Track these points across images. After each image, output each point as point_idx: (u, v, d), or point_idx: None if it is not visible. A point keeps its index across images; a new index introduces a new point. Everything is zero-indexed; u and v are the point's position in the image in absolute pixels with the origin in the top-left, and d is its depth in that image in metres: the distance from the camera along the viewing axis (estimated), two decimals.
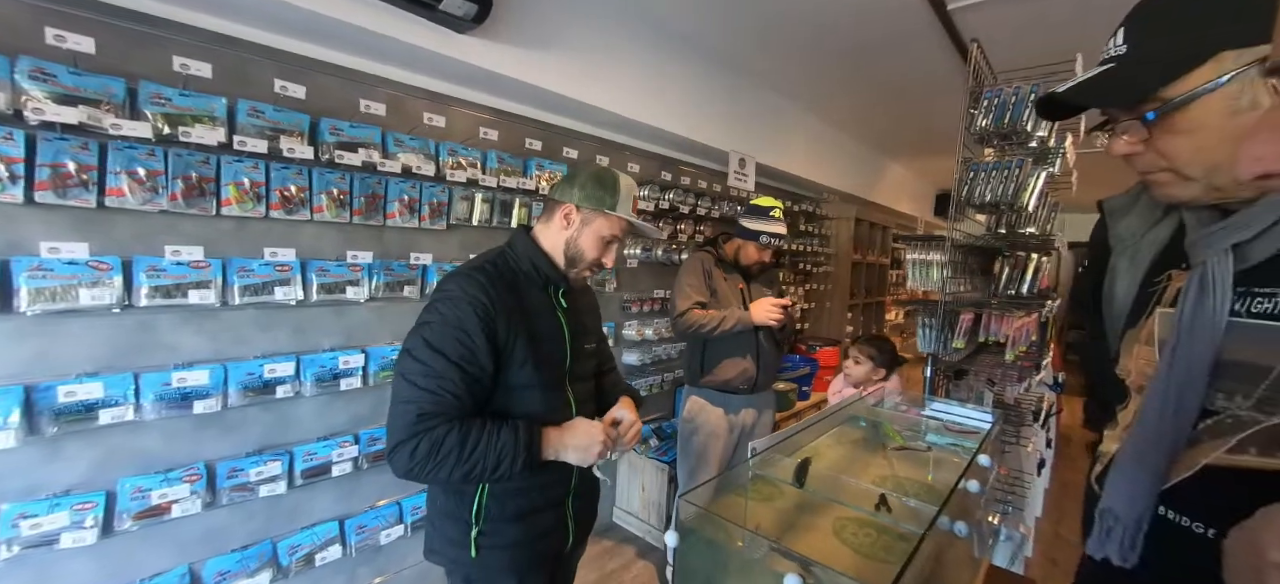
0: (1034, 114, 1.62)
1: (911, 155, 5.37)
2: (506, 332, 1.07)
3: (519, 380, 1.10)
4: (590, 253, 1.18)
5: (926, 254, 1.81)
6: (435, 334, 1.01)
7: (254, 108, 1.58)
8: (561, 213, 1.18)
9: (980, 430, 1.37)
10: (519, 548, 1.15)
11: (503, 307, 1.07)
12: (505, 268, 1.15)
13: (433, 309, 1.05)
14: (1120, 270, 0.79)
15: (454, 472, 0.98)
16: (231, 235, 1.60)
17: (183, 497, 1.47)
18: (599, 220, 1.17)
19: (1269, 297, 0.59)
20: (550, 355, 1.16)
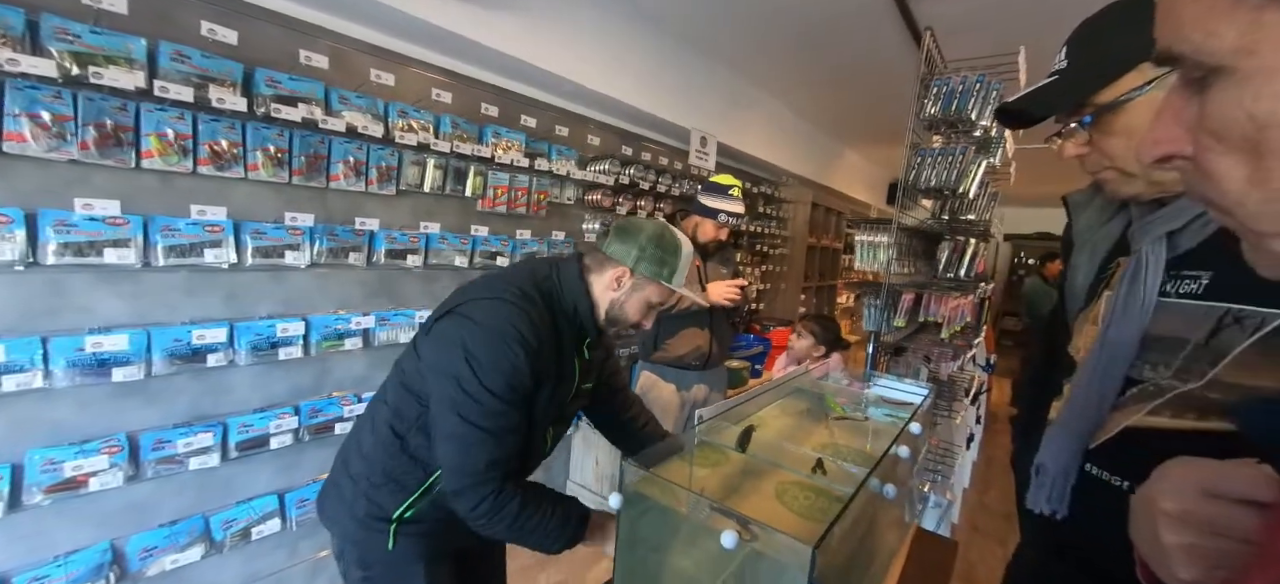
0: (978, 105, 1.69)
1: (867, 143, 5.52)
2: (542, 372, 1.04)
3: (530, 421, 1.07)
4: (635, 315, 1.13)
5: (874, 236, 1.88)
6: (498, 380, 0.96)
7: (178, 52, 1.46)
8: (614, 274, 1.10)
9: (915, 403, 1.45)
10: (440, 537, 1.12)
11: (544, 350, 1.02)
12: (551, 306, 1.08)
13: (484, 346, 0.96)
14: (1080, 264, 0.87)
15: (499, 528, 0.99)
16: (154, 191, 1.48)
17: (101, 469, 1.38)
18: (651, 288, 1.12)
19: (1194, 279, 0.65)
20: (559, 400, 1.12)
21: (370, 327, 1.92)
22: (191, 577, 1.62)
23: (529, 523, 0.99)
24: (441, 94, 2.07)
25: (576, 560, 2.49)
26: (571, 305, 1.09)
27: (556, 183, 2.64)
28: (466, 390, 0.95)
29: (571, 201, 2.75)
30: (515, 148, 2.37)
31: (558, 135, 2.64)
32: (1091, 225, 0.86)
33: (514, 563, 2.39)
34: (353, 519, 1.09)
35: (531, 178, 2.48)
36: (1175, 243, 0.69)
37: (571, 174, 2.63)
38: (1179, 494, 0.38)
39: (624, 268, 1.10)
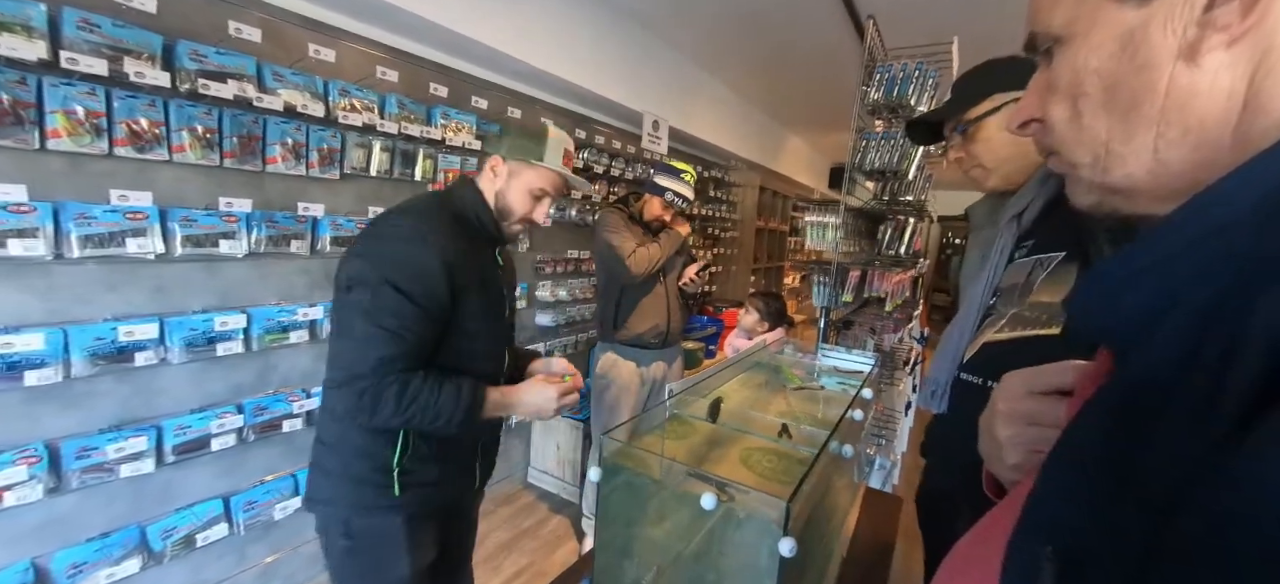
0: (917, 91, 1.81)
1: (810, 129, 5.73)
2: (462, 280, 1.06)
3: (468, 332, 1.09)
4: (519, 207, 1.15)
5: (823, 217, 1.98)
6: (403, 275, 0.99)
7: (85, 20, 1.32)
8: (489, 165, 1.16)
9: (863, 371, 1.55)
10: (432, 489, 1.14)
11: (458, 253, 1.06)
12: (458, 213, 1.13)
13: (390, 242, 1.02)
14: (973, 247, 1.20)
15: (394, 418, 0.99)
16: (64, 175, 1.34)
17: (18, 481, 1.26)
18: (527, 173, 1.14)
19: (1027, 245, 0.95)
20: (494, 310, 1.17)
21: (317, 319, 1.83)
22: None
23: (418, 401, 1.00)
24: (386, 72, 1.98)
25: (543, 544, 2.50)
26: (472, 213, 1.14)
27: None
28: (376, 290, 0.98)
29: None
30: (466, 130, 2.30)
31: (510, 118, 2.59)
32: (979, 227, 1.21)
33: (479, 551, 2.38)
34: (348, 479, 1.09)
35: (483, 161, 2.42)
36: (1022, 220, 0.98)
37: None
38: (1008, 396, 0.48)
39: (495, 157, 1.16)
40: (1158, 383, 0.26)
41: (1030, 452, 0.44)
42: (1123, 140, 0.32)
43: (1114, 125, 0.32)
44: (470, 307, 1.09)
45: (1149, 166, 0.32)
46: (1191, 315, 0.26)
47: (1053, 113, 0.36)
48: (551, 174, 1.16)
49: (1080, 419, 0.31)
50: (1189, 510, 0.22)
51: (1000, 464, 0.47)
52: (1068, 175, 0.38)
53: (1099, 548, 0.25)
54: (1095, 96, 0.33)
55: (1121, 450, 0.26)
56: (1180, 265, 0.27)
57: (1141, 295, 0.29)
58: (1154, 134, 0.31)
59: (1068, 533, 0.27)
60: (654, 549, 0.95)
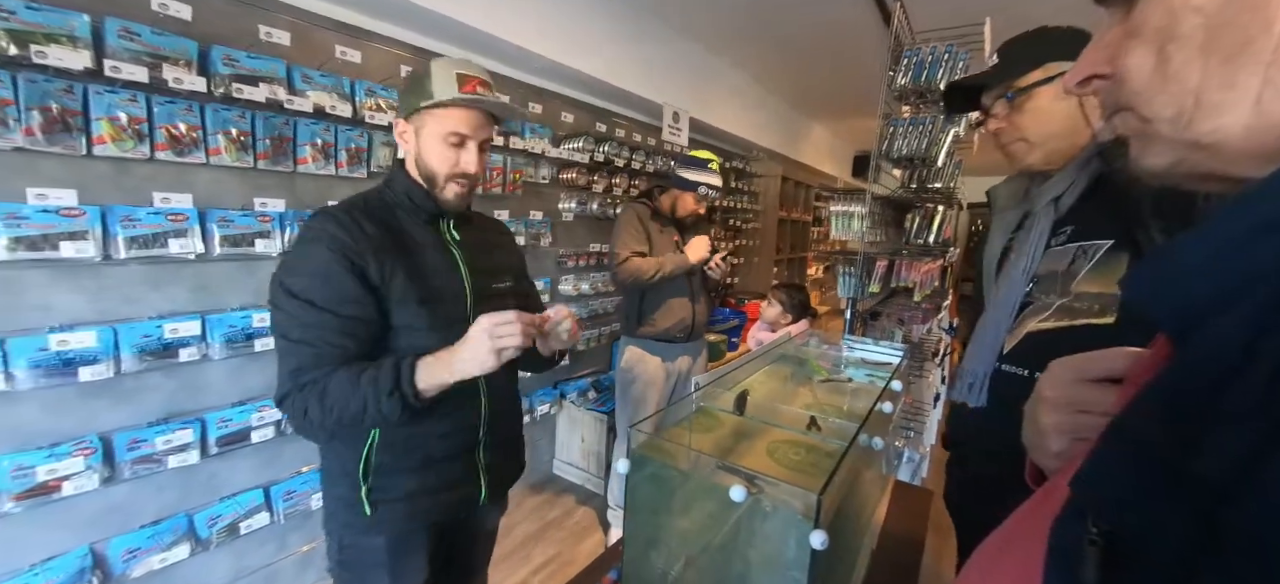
0: (947, 74, 1.76)
1: (833, 117, 5.62)
2: (379, 268, 0.95)
3: (403, 321, 0.97)
4: (439, 164, 1.00)
5: (848, 207, 1.94)
6: (298, 280, 0.91)
7: (126, 29, 1.37)
8: (397, 134, 1.04)
9: (892, 363, 1.52)
10: (413, 501, 1.03)
11: (369, 241, 0.94)
12: (377, 202, 1.03)
13: (289, 252, 0.95)
14: (995, 232, 1.14)
15: (325, 421, 0.89)
16: (110, 179, 1.40)
17: (76, 472, 1.33)
18: (427, 121, 0.99)
19: (1064, 232, 0.93)
20: (441, 292, 1.02)
21: None
22: (180, 576, 1.58)
23: (340, 393, 0.88)
24: (410, 71, 2.01)
25: (570, 534, 2.53)
26: (401, 192, 1.03)
27: (531, 162, 2.61)
28: (277, 304, 0.92)
29: (546, 180, 2.72)
30: None
31: (531, 113, 2.60)
32: (1004, 207, 1.14)
33: (507, 542, 2.43)
34: (332, 499, 1.05)
35: (506, 157, 2.44)
36: (1059, 205, 0.95)
37: (546, 153, 2.60)
38: (1055, 382, 0.47)
39: (397, 123, 1.04)
40: (1220, 368, 0.25)
41: (1076, 440, 0.43)
42: (1221, 87, 0.29)
43: (1212, 71, 0.30)
44: (397, 294, 0.96)
45: (1247, 120, 0.29)
46: (1264, 300, 0.24)
47: (1131, 62, 0.33)
48: (455, 111, 0.98)
49: (1136, 403, 0.30)
50: (1244, 502, 0.21)
51: (1044, 452, 0.46)
52: (1136, 136, 0.35)
53: (1148, 532, 0.25)
54: (1193, 39, 0.30)
55: (1178, 435, 0.25)
56: (1263, 246, 0.25)
57: (1214, 277, 0.27)
58: (1260, 80, 0.28)
59: (1115, 516, 0.26)
60: (682, 540, 0.95)
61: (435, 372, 0.91)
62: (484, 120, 1.03)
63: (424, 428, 1.01)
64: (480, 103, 1.00)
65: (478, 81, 1.00)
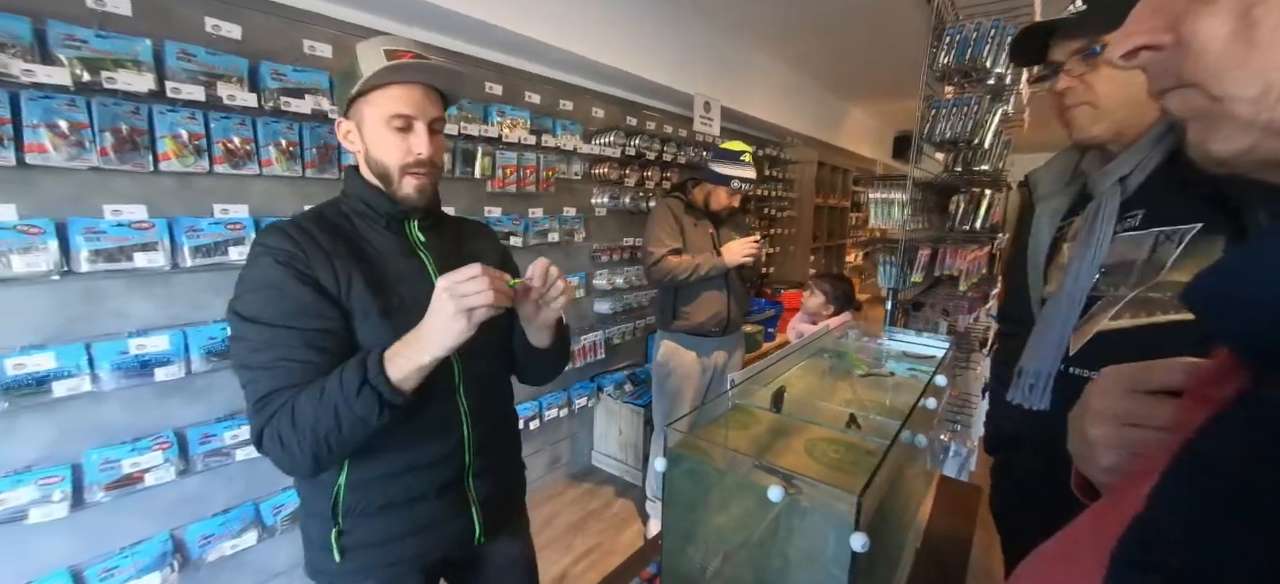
0: (993, 51, 1.67)
1: (871, 98, 5.43)
2: (333, 277, 0.85)
3: (368, 338, 0.86)
4: (387, 153, 0.88)
5: (888, 194, 1.88)
6: (247, 302, 0.82)
7: (184, 51, 1.45)
8: (341, 136, 0.94)
9: (937, 356, 1.47)
10: (393, 546, 0.92)
11: (320, 250, 0.85)
12: (330, 211, 0.93)
13: (241, 274, 0.85)
14: (1042, 219, 1.04)
15: (304, 448, 0.77)
16: (174, 193, 1.50)
17: (155, 465, 1.44)
18: (366, 111, 0.89)
19: (1133, 216, 0.84)
20: (406, 302, 0.90)
21: None
22: (249, 560, 1.70)
23: (308, 412, 0.77)
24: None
25: (609, 525, 2.58)
26: (356, 197, 0.93)
27: (563, 158, 2.64)
28: (233, 333, 0.83)
29: (579, 176, 2.74)
30: (521, 126, 2.36)
31: (562, 110, 2.62)
32: (1049, 192, 1.04)
33: (549, 532, 2.49)
34: (307, 543, 0.96)
35: (538, 155, 2.48)
36: (1126, 186, 0.86)
37: (578, 149, 2.62)
38: (1105, 393, 0.43)
39: (338, 123, 0.94)
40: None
41: (1129, 455, 0.41)
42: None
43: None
44: (358, 305, 0.86)
45: None
46: None
47: (1202, 29, 0.28)
48: (392, 89, 0.87)
49: (1213, 434, 0.27)
50: None
51: (1092, 465, 0.44)
52: (1200, 117, 0.31)
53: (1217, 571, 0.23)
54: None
55: (1267, 483, 0.23)
56: None
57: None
58: None
59: (1185, 560, 0.25)
60: (720, 537, 0.95)
61: (405, 355, 0.78)
62: (427, 97, 0.90)
63: (395, 464, 0.90)
64: (412, 69, 0.87)
65: (410, 53, 0.88)
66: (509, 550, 1.12)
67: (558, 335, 1.03)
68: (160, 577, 1.47)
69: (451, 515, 0.97)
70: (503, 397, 1.08)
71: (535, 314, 0.93)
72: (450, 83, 0.94)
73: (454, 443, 0.95)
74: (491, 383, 1.03)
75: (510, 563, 1.12)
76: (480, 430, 0.98)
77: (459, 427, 0.95)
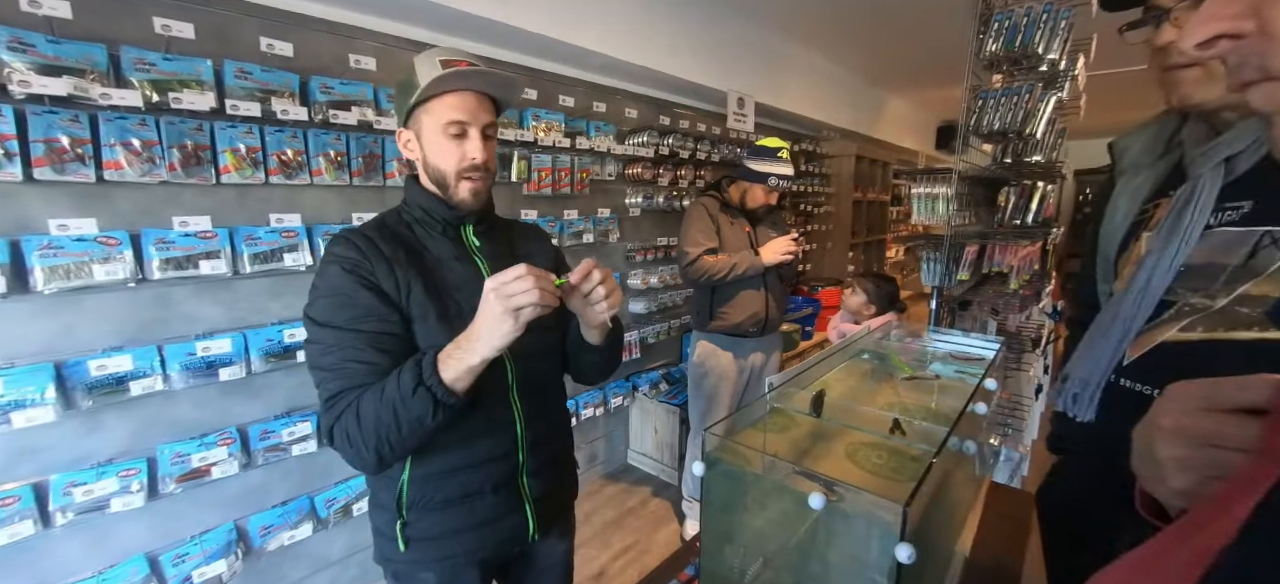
0: (1046, 36, 1.58)
1: (912, 87, 5.23)
2: (395, 284, 0.90)
3: (424, 338, 0.90)
4: (446, 161, 0.92)
5: (932, 188, 1.81)
6: (319, 308, 0.88)
7: (241, 69, 1.54)
8: (401, 145, 0.99)
9: (985, 358, 1.41)
10: (451, 539, 0.97)
11: (382, 258, 0.90)
12: (392, 220, 0.99)
13: (312, 284, 0.91)
14: (1121, 201, 0.89)
15: (368, 445, 0.82)
16: (234, 203, 1.59)
17: (221, 459, 1.54)
18: (424, 119, 0.93)
19: (1236, 208, 0.69)
20: (464, 307, 0.93)
21: None
22: (305, 550, 1.80)
23: (370, 410, 0.82)
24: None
25: (646, 523, 2.59)
26: (415, 204, 0.97)
27: (597, 160, 2.66)
28: (307, 337, 0.89)
29: (613, 177, 2.76)
30: (555, 129, 2.39)
31: (596, 112, 2.64)
32: (1137, 165, 0.88)
33: (587, 528, 2.52)
34: (376, 533, 1.02)
35: (573, 157, 2.50)
36: (1232, 167, 0.71)
37: (611, 150, 2.64)
38: (1176, 410, 0.40)
39: (398, 133, 0.99)
40: None
41: (1206, 476, 0.38)
42: None
43: None
44: (417, 309, 0.91)
45: None
46: None
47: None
48: (448, 98, 0.91)
49: None
50: None
51: (1160, 486, 0.41)
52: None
53: None
54: None
55: None
56: None
57: None
58: None
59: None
60: (759, 542, 0.95)
61: (457, 356, 0.81)
62: (480, 104, 0.94)
63: (454, 461, 0.95)
64: (469, 78, 0.91)
65: (464, 61, 0.91)
66: (554, 551, 1.16)
67: (609, 335, 1.04)
68: (226, 564, 1.57)
69: (507, 512, 1.01)
70: (555, 397, 1.11)
71: (584, 312, 0.94)
72: (503, 89, 0.97)
73: (508, 442, 0.99)
74: (544, 384, 1.06)
75: (553, 563, 1.16)
76: (533, 430, 1.01)
77: (513, 426, 0.99)
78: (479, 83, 0.93)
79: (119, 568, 1.44)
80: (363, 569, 2.00)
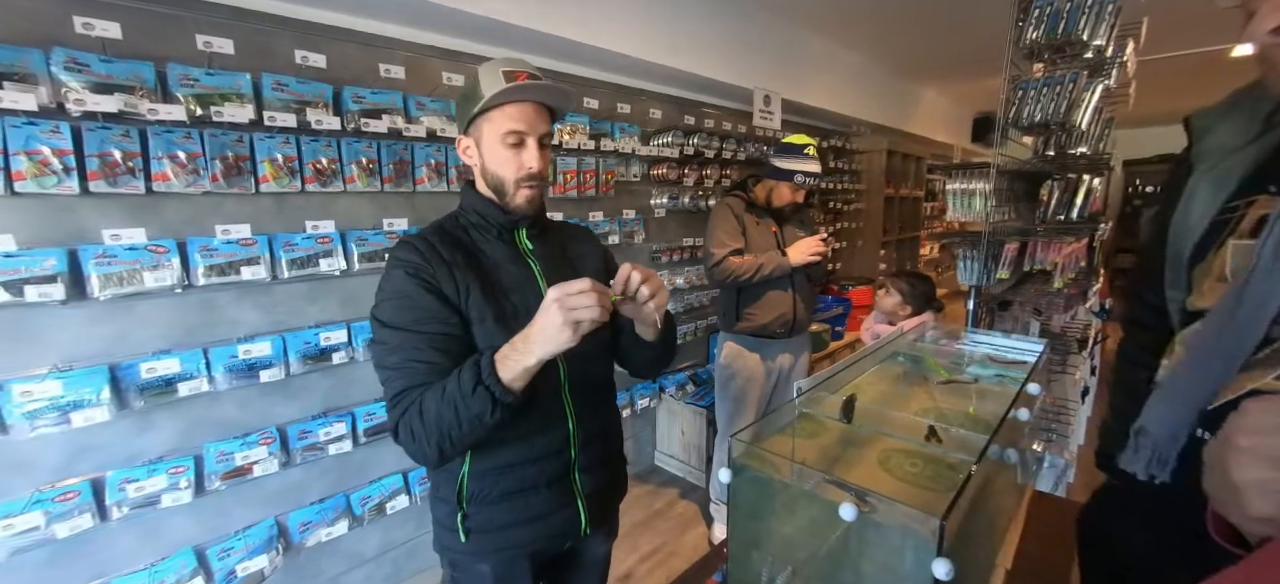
0: (1090, 22, 1.50)
1: (947, 79, 5.06)
2: (455, 287, 0.94)
3: (484, 342, 0.94)
4: (505, 169, 0.97)
5: (969, 183, 1.74)
6: (384, 309, 0.93)
7: (278, 82, 1.59)
8: (460, 152, 1.03)
9: (1025, 360, 1.35)
10: (508, 532, 1.02)
11: (443, 260, 0.94)
12: (451, 224, 1.03)
13: (378, 286, 0.96)
14: (1200, 192, 0.73)
15: (431, 440, 0.86)
16: (272, 211, 1.65)
17: (262, 458, 1.60)
18: (485, 128, 0.97)
19: None
20: (519, 309, 0.97)
21: None
22: (342, 547, 1.85)
23: (432, 408, 0.86)
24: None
25: (674, 525, 2.58)
26: (471, 209, 1.02)
27: (622, 161, 2.66)
28: (373, 337, 0.94)
29: (638, 178, 2.75)
30: (580, 131, 2.40)
31: (620, 113, 2.64)
32: (1221, 149, 0.71)
33: None
34: (436, 523, 1.07)
35: (598, 159, 2.51)
36: None
37: (636, 151, 2.63)
38: (1256, 429, 0.37)
39: (458, 140, 1.03)
40: None
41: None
42: None
43: None
44: (475, 312, 0.95)
45: None
46: None
47: None
48: (509, 108, 0.95)
49: None
50: None
51: (1237, 511, 0.38)
52: None
53: None
54: None
55: None
56: None
57: None
58: None
59: None
60: (788, 550, 0.93)
61: (513, 358, 0.84)
62: (538, 114, 0.98)
63: (511, 456, 1.00)
64: (530, 90, 0.95)
65: (525, 73, 0.95)
66: (598, 551, 1.22)
67: (663, 329, 1.06)
68: (268, 558, 1.63)
69: (560, 507, 1.05)
70: (606, 396, 1.15)
71: (635, 314, 0.97)
72: (561, 100, 1.02)
73: (561, 439, 1.03)
74: (595, 382, 1.10)
75: (595, 561, 1.22)
76: (585, 427, 1.05)
77: (565, 422, 1.03)
78: (538, 94, 0.97)
79: (169, 561, 1.51)
80: (396, 567, 2.05)
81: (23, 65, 1.26)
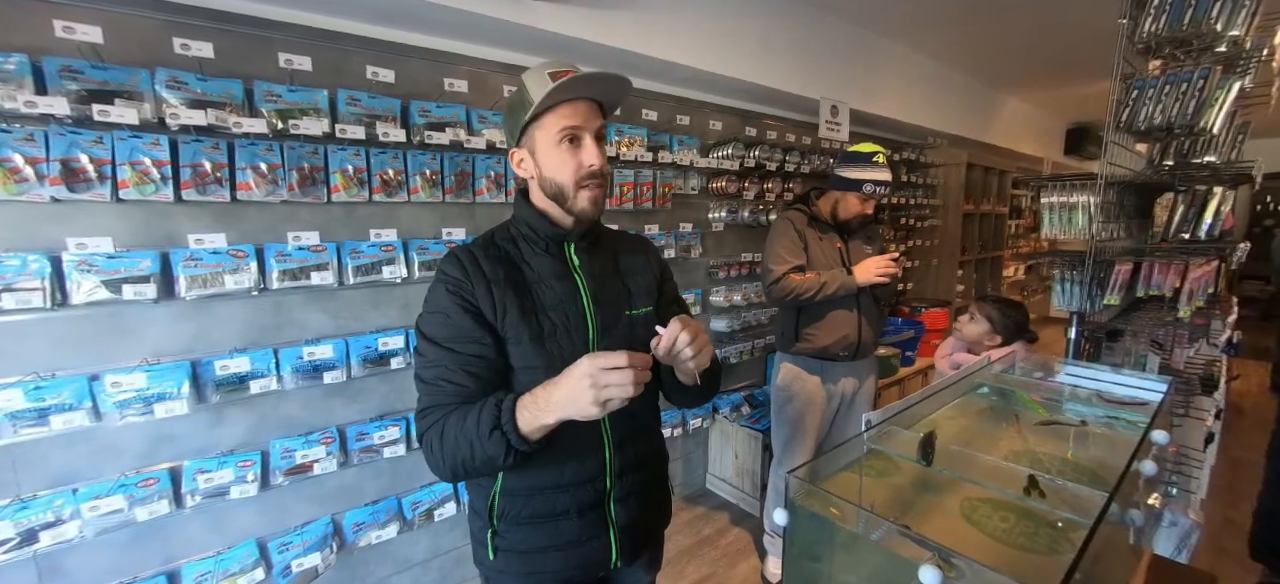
0: (1226, 10, 1.29)
1: (1035, 86, 4.66)
2: (492, 304, 0.91)
3: (520, 362, 0.92)
4: (562, 171, 0.93)
5: (1069, 196, 1.54)
6: (426, 322, 0.92)
7: (351, 97, 1.66)
8: (514, 165, 0.99)
9: (1141, 401, 1.16)
10: (536, 556, 0.98)
11: (483, 279, 0.92)
12: (500, 235, 1.01)
13: (425, 297, 0.96)
14: None
15: (446, 464, 0.86)
16: (341, 220, 1.72)
17: (321, 457, 1.65)
18: (538, 135, 0.94)
19: None
20: (557, 328, 0.94)
21: None
22: (391, 550, 1.89)
23: (451, 434, 0.84)
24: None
25: (723, 555, 2.45)
26: (522, 221, 0.99)
27: (680, 173, 2.60)
28: (416, 345, 0.93)
29: (696, 191, 2.69)
30: (638, 143, 2.37)
31: (679, 125, 2.60)
32: None
33: None
34: (472, 533, 1.05)
35: (655, 171, 2.47)
36: None
37: (695, 163, 2.57)
38: None
39: (512, 152, 0.98)
40: None
41: None
42: None
43: None
44: (511, 331, 0.92)
45: None
46: None
47: None
48: (559, 110, 0.91)
49: None
50: None
51: None
52: None
53: None
54: None
55: None
56: None
57: None
58: None
59: None
60: None
61: (533, 410, 0.81)
62: (590, 109, 0.94)
63: (542, 480, 0.96)
64: (580, 86, 0.91)
65: (571, 71, 0.92)
66: (644, 579, 1.15)
67: (703, 381, 1.02)
68: (321, 556, 1.67)
69: (590, 536, 1.00)
70: (648, 426, 1.09)
71: (674, 364, 0.92)
72: (616, 90, 0.97)
73: (596, 466, 0.98)
74: (636, 410, 1.02)
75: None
76: (623, 456, 1.01)
77: (601, 450, 0.98)
78: (589, 88, 0.93)
79: (234, 550, 1.59)
80: (442, 573, 2.06)
81: (132, 83, 1.38)
